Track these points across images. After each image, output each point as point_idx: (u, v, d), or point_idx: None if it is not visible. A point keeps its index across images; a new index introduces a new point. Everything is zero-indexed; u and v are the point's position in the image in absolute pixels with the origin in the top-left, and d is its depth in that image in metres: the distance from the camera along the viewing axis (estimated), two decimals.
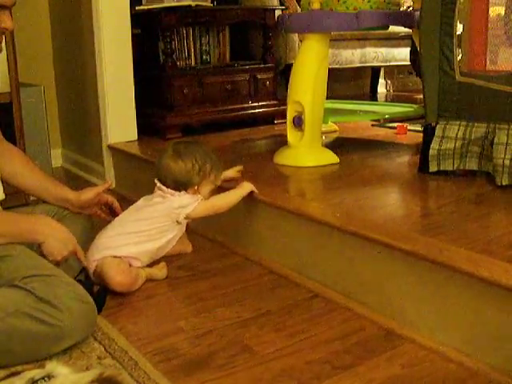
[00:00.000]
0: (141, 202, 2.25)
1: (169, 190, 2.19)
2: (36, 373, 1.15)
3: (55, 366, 1.15)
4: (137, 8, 3.48)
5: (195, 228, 2.51)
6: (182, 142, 2.31)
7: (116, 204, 2.26)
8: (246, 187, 2.29)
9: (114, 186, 2.32)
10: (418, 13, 2.49)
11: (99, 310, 1.81)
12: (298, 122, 2.69)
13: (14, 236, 1.79)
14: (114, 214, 2.27)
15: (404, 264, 1.77)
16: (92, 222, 2.20)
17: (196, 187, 2.20)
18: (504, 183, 2.24)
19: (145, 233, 2.15)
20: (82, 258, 1.93)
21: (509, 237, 1.80)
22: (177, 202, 2.18)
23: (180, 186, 2.19)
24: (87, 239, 2.13)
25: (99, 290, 1.87)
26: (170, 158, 2.20)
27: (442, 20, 2.37)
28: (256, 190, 2.30)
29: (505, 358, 1.55)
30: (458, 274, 1.61)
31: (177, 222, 2.19)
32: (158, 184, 2.22)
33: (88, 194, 2.18)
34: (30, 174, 2.13)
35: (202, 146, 2.32)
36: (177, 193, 2.19)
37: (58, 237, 1.82)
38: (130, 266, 2.10)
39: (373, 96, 5.49)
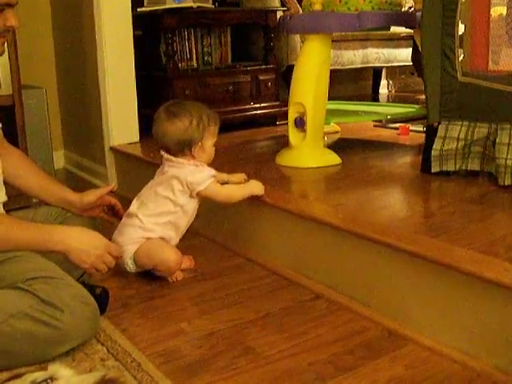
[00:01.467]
0: (155, 178, 2.24)
1: (177, 158, 2.15)
2: (38, 375, 1.15)
3: (58, 368, 1.16)
4: (138, 10, 3.49)
5: (198, 229, 2.51)
6: (170, 103, 2.21)
7: (119, 206, 2.26)
8: (256, 187, 2.28)
9: (116, 188, 2.30)
10: (420, 13, 2.48)
11: (102, 312, 1.81)
12: (300, 123, 2.69)
13: (28, 248, 1.78)
14: (116, 215, 2.26)
15: (407, 265, 1.77)
16: (96, 223, 2.19)
17: (200, 143, 2.14)
18: (507, 183, 2.24)
19: (167, 206, 2.15)
20: (115, 253, 1.91)
21: (511, 237, 1.80)
22: (188, 176, 2.13)
23: (184, 146, 2.13)
24: None
25: (102, 292, 1.86)
26: (166, 122, 2.13)
27: (444, 20, 2.37)
28: (263, 193, 2.28)
29: (509, 359, 1.55)
30: (461, 275, 1.61)
31: (190, 195, 2.17)
32: (165, 155, 2.17)
33: (90, 197, 2.16)
34: (32, 175, 2.12)
35: (191, 101, 2.31)
36: (186, 161, 2.14)
37: (78, 245, 1.81)
38: None
39: (374, 97, 5.49)
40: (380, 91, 5.68)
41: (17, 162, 2.10)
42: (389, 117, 3.17)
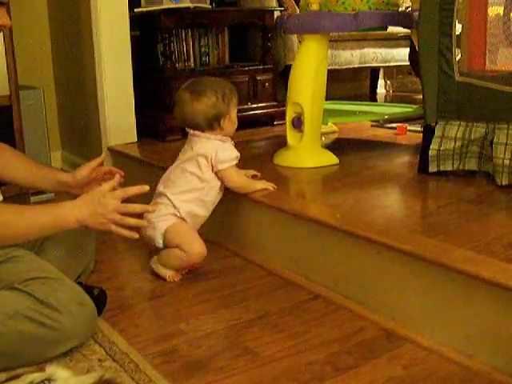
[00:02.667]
0: (180, 156, 2.30)
1: (205, 134, 2.24)
2: (36, 376, 1.15)
3: (55, 370, 1.16)
4: (135, 10, 3.49)
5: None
6: (190, 83, 2.30)
7: (113, 169, 2.20)
8: (263, 185, 2.35)
9: (105, 158, 2.27)
10: (417, 13, 2.49)
11: (99, 313, 1.81)
12: (298, 123, 2.69)
13: (44, 230, 1.80)
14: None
15: (404, 265, 1.77)
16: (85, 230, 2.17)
17: (228, 115, 2.25)
18: (504, 183, 2.25)
19: (194, 183, 2.22)
20: (121, 194, 1.87)
21: (509, 237, 1.80)
22: (217, 151, 2.21)
23: (213, 121, 2.22)
24: (84, 241, 2.13)
25: (99, 293, 1.86)
26: (193, 101, 2.22)
27: (441, 20, 2.37)
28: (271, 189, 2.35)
29: (506, 359, 1.55)
30: (458, 275, 1.61)
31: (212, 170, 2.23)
32: (192, 131, 2.26)
33: (83, 171, 2.12)
34: (23, 165, 2.10)
35: (209, 77, 2.40)
36: (213, 135, 2.24)
37: (87, 214, 1.80)
38: None
39: (372, 96, 5.49)
40: (377, 91, 5.68)
41: (6, 154, 2.08)
42: (386, 117, 3.18)
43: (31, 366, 1.55)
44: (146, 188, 1.91)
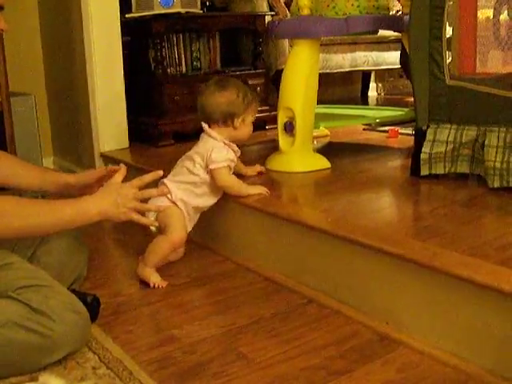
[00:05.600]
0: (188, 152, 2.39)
1: (214, 131, 2.32)
2: None
3: (48, 378, 1.15)
4: (127, 16, 3.49)
5: (188, 235, 2.51)
6: (219, 78, 2.46)
7: (112, 167, 2.21)
8: (256, 190, 2.38)
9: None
10: (407, 17, 2.50)
11: (93, 320, 1.81)
12: (290, 128, 2.70)
13: (68, 223, 1.83)
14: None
15: (397, 268, 1.78)
16: (78, 232, 2.17)
17: (243, 116, 2.34)
18: (496, 186, 2.25)
19: (192, 177, 2.30)
20: (148, 195, 2.03)
21: (501, 240, 1.81)
22: (211, 150, 2.28)
23: (228, 117, 2.31)
24: (77, 248, 2.13)
25: (93, 300, 1.86)
26: (215, 92, 2.33)
27: (431, 24, 2.38)
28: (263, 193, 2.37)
29: (498, 361, 1.56)
30: (451, 278, 1.62)
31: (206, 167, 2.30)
32: (205, 127, 2.35)
33: (86, 178, 2.17)
34: (23, 170, 2.12)
35: (239, 80, 2.50)
36: (219, 136, 2.31)
37: (108, 205, 1.85)
38: None
39: (364, 99, 5.50)
40: (369, 94, 5.71)
41: (7, 162, 2.10)
42: (378, 120, 3.18)
43: (24, 375, 1.55)
44: (160, 173, 2.04)
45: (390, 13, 3.00)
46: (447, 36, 2.45)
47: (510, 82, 2.44)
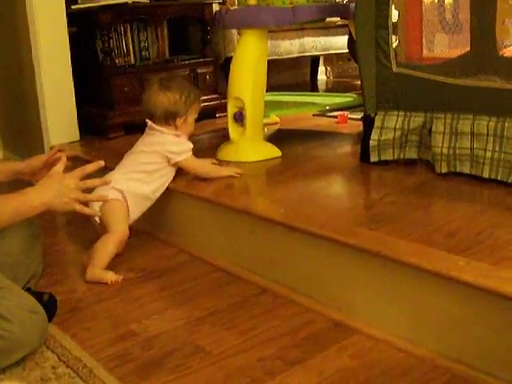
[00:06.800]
0: (135, 147, 2.44)
1: (161, 128, 2.37)
2: None
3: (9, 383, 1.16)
4: (73, 7, 3.45)
5: (141, 227, 2.52)
6: (165, 77, 2.50)
7: (59, 155, 2.20)
8: (228, 171, 2.48)
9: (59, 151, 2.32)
10: (353, 4, 2.52)
11: (50, 318, 1.81)
12: (240, 118, 2.71)
13: (12, 216, 1.83)
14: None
15: (349, 257, 1.82)
16: (33, 229, 2.17)
17: (185, 116, 2.39)
18: (443, 171, 2.30)
19: (144, 167, 2.34)
20: (91, 184, 2.04)
21: (449, 226, 1.85)
22: (169, 145, 2.36)
23: (170, 117, 2.37)
24: (31, 246, 2.12)
25: (49, 298, 1.86)
26: (159, 92, 2.38)
27: (377, 13, 2.40)
28: (234, 175, 2.47)
29: (448, 344, 1.61)
30: (400, 266, 1.66)
31: (168, 163, 2.37)
32: (150, 122, 2.40)
33: (35, 162, 2.20)
34: None
35: (184, 79, 2.62)
36: (167, 130, 2.37)
37: (51, 196, 1.87)
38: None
39: (313, 84, 5.53)
40: (318, 77, 5.74)
41: None
42: (327, 107, 3.21)
43: None
44: (102, 163, 2.06)
45: (337, 0, 3.02)
46: (393, 21, 2.49)
47: (455, 68, 2.50)
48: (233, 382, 1.57)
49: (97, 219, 2.27)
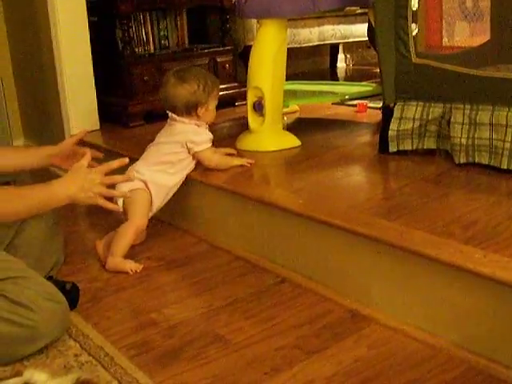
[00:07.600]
0: (157, 138, 2.46)
1: (182, 118, 2.40)
2: (13, 382, 1.18)
3: (32, 373, 1.18)
4: None
5: (161, 216, 2.54)
6: (180, 68, 2.49)
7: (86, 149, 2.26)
8: (240, 161, 2.50)
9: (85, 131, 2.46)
10: None
11: (73, 307, 1.84)
12: (259, 107, 2.72)
13: (37, 208, 1.88)
14: None
15: (366, 248, 1.83)
16: (55, 219, 2.21)
17: (206, 105, 2.40)
18: (462, 161, 2.30)
19: (166, 157, 2.38)
20: (115, 180, 2.10)
21: (466, 217, 1.85)
22: (191, 134, 2.38)
23: (191, 107, 2.39)
24: (53, 235, 2.16)
25: (71, 287, 1.89)
26: (176, 85, 2.39)
27: (396, 2, 2.39)
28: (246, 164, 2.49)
29: (464, 335, 1.63)
30: (418, 257, 1.67)
31: (188, 152, 2.40)
32: (172, 114, 2.42)
33: (67, 142, 2.28)
34: (9, 151, 2.27)
35: (198, 68, 2.61)
36: (188, 120, 2.40)
37: (76, 190, 1.90)
38: None
39: (333, 72, 5.52)
40: (338, 65, 5.73)
41: None
42: (347, 97, 3.20)
43: (7, 364, 1.59)
44: (126, 160, 2.08)
45: None
46: (413, 9, 2.47)
47: (475, 58, 2.49)
48: (252, 371, 1.60)
49: (120, 206, 2.29)
